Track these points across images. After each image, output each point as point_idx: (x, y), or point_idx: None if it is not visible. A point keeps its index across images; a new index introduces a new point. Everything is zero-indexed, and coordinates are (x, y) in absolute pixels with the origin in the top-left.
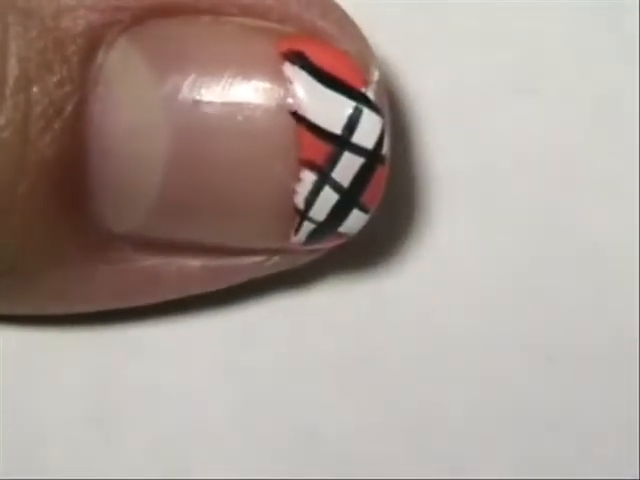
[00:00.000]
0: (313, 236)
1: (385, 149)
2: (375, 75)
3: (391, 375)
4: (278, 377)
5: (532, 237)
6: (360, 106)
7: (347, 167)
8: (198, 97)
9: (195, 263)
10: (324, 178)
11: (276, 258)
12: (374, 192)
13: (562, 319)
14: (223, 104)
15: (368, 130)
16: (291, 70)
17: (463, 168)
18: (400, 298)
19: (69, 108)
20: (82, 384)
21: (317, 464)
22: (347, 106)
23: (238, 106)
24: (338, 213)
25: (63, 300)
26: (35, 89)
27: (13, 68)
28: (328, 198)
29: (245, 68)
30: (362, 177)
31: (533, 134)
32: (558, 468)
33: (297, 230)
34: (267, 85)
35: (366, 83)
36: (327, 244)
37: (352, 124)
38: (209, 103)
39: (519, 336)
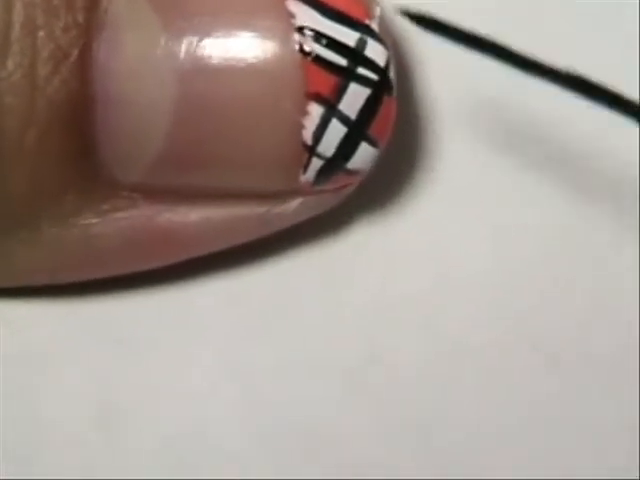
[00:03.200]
0: (322, 174)
1: (392, 79)
2: (377, 10)
3: (393, 380)
4: (281, 376)
5: (534, 236)
6: (364, 37)
7: (354, 98)
8: (203, 38)
9: (207, 212)
10: (331, 110)
11: (287, 205)
12: (382, 124)
13: (564, 320)
14: (227, 44)
15: (373, 60)
16: (294, 5)
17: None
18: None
19: (75, 53)
20: (83, 384)
21: (319, 464)
22: (351, 37)
23: (243, 45)
24: (346, 147)
25: (72, 258)
26: (41, 34)
27: (19, 13)
28: (336, 131)
29: (248, 6)
30: (369, 108)
31: (534, 134)
32: (558, 468)
33: (306, 168)
34: (270, 21)
35: (369, 15)
36: (337, 183)
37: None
38: (214, 44)
39: (521, 334)
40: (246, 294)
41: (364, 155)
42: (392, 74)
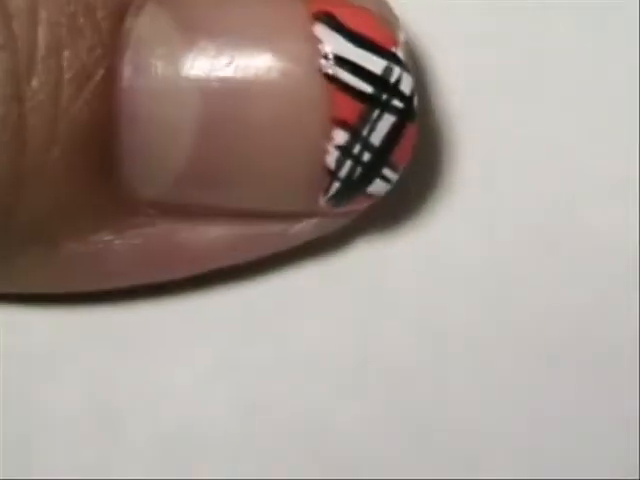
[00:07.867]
0: (342, 197)
1: (416, 107)
2: (402, 36)
3: (392, 379)
4: (280, 376)
5: (533, 237)
6: (391, 65)
7: (379, 125)
8: (228, 59)
9: (223, 231)
10: (356, 137)
11: (303, 225)
12: (404, 150)
13: (563, 319)
14: (253, 66)
15: (399, 89)
16: (321, 31)
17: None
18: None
19: (100, 72)
20: (82, 383)
21: (318, 464)
22: (378, 65)
23: (269, 67)
24: (369, 172)
25: (86, 273)
26: (66, 54)
27: (44, 33)
28: (359, 157)
29: (275, 29)
30: (393, 136)
31: (535, 134)
32: (558, 468)
33: (326, 191)
34: (298, 46)
35: (395, 43)
36: (356, 206)
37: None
38: (239, 65)
39: (520, 335)
40: (245, 294)
41: (385, 180)
42: (416, 101)
